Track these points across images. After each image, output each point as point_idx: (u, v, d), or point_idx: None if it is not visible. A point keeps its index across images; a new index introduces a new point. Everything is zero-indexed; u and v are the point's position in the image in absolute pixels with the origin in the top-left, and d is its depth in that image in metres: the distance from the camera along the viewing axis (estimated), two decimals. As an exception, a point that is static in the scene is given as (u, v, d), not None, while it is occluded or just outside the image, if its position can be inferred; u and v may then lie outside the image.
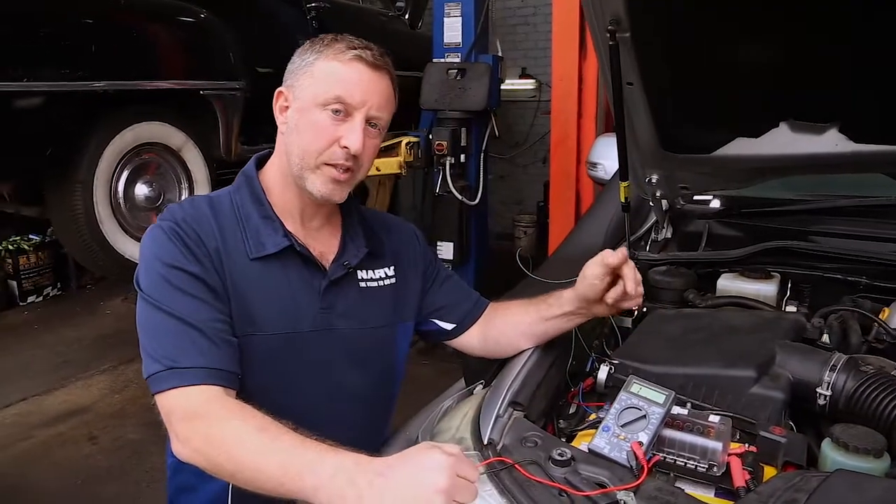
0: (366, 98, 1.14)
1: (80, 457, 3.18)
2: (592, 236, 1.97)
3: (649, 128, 1.60)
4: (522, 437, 1.09)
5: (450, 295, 1.42)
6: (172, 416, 1.01)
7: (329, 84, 1.13)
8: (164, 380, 1.03)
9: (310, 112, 1.15)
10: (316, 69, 1.15)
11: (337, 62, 1.14)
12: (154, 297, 1.08)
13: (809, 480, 0.93)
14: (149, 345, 1.07)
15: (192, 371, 1.03)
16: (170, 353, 1.04)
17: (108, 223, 2.83)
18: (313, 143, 1.15)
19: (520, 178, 7.27)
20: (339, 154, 1.15)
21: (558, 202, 3.89)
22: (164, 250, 1.11)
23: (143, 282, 1.11)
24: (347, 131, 1.14)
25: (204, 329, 1.07)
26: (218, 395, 1.03)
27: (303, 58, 1.17)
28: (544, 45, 6.70)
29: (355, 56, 1.14)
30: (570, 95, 3.67)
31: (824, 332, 1.40)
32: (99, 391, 3.86)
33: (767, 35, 1.35)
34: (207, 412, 0.99)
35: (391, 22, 4.89)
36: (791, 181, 1.85)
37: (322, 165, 1.16)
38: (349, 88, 1.13)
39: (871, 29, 1.28)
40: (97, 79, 2.68)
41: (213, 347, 1.06)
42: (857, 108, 1.46)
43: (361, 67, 1.14)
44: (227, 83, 3.19)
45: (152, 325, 1.08)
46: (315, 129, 1.14)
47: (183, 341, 1.05)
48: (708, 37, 1.38)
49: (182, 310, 1.07)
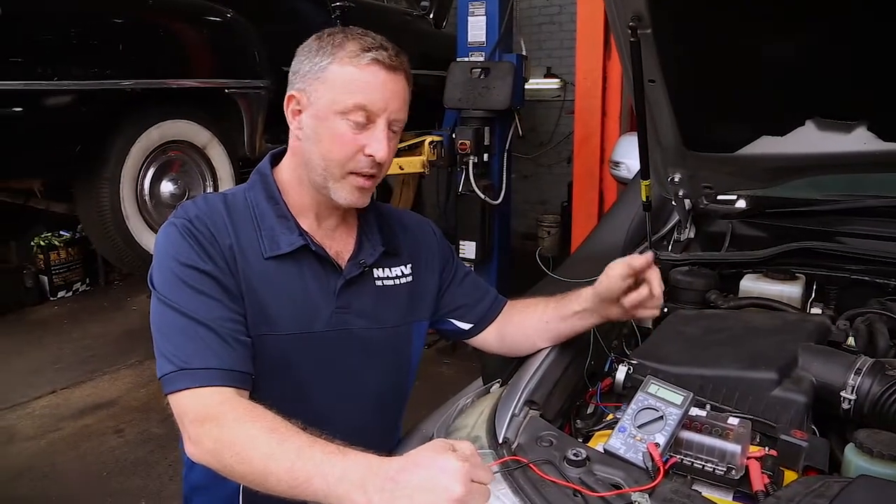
0: (386, 104, 1.11)
1: (107, 449, 3.25)
2: (614, 236, 1.95)
3: (672, 126, 1.57)
4: (537, 437, 1.07)
5: (467, 294, 1.40)
6: (185, 417, 1.00)
7: (348, 91, 1.09)
8: (176, 380, 1.02)
9: (329, 121, 1.11)
10: (330, 74, 1.10)
11: (353, 67, 1.09)
12: (167, 296, 1.07)
13: (831, 486, 0.91)
14: (162, 344, 1.05)
15: (204, 372, 1.01)
16: (182, 353, 1.03)
17: (133, 220, 2.87)
18: (336, 152, 1.12)
19: (544, 178, 7.24)
20: (364, 162, 1.12)
21: (581, 202, 3.87)
22: (178, 248, 1.10)
23: (157, 280, 1.10)
24: (371, 140, 1.11)
25: (217, 329, 1.05)
26: (230, 396, 1.01)
27: (313, 60, 1.12)
28: (570, 44, 6.65)
29: (372, 60, 1.09)
30: (594, 94, 3.64)
31: (849, 334, 1.37)
32: (125, 385, 3.94)
33: (792, 31, 1.32)
34: (219, 414, 0.98)
35: (416, 21, 4.90)
36: (817, 181, 1.81)
37: (347, 175, 1.13)
38: (370, 96, 1.09)
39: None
40: (125, 77, 2.73)
41: (226, 348, 1.05)
42: (886, 105, 1.42)
43: (379, 71, 1.09)
44: (252, 82, 3.22)
45: (165, 325, 1.07)
46: (337, 139, 1.11)
47: (195, 341, 1.04)
48: (731, 33, 1.36)
49: (195, 309, 1.05)
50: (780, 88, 1.44)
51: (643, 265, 1.21)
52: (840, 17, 1.26)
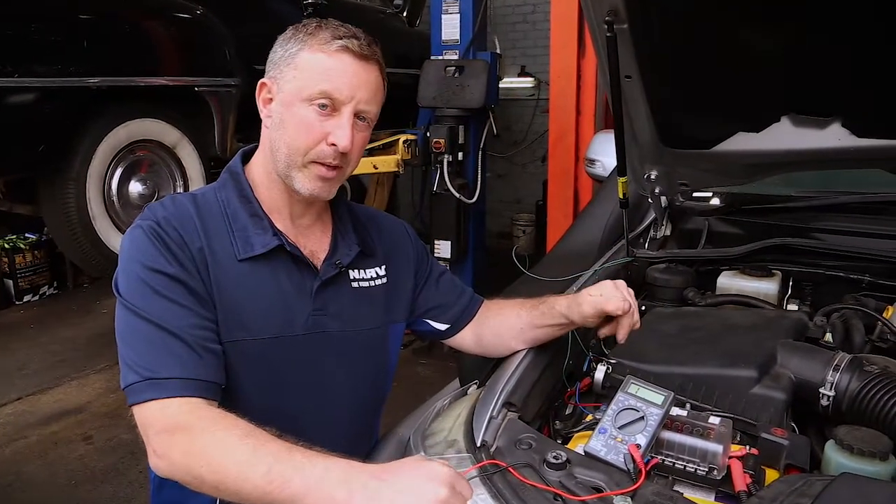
0: (353, 92, 1.08)
1: (75, 457, 3.16)
2: (590, 234, 1.94)
3: (648, 123, 1.57)
4: (516, 440, 1.05)
5: (443, 294, 1.37)
6: (150, 429, 0.95)
7: (314, 77, 1.07)
8: (141, 391, 0.97)
9: (295, 107, 1.08)
10: (300, 60, 1.08)
11: (322, 53, 1.07)
12: (132, 302, 1.02)
13: (813, 484, 0.90)
14: (126, 353, 1.00)
15: (171, 382, 0.97)
16: (148, 362, 0.98)
17: (101, 221, 2.78)
18: (300, 140, 1.09)
19: (519, 177, 7.24)
20: (327, 152, 1.09)
21: (556, 200, 3.86)
22: (144, 252, 1.05)
23: (122, 286, 1.05)
24: (335, 127, 1.08)
25: (184, 337, 1.01)
26: (198, 407, 0.97)
27: (286, 47, 1.11)
28: (544, 42, 6.63)
29: (341, 47, 1.07)
30: (569, 93, 3.64)
31: (827, 330, 1.37)
32: (94, 391, 3.84)
33: (769, 27, 1.32)
34: (187, 424, 0.94)
35: (389, 19, 4.85)
36: (792, 177, 1.82)
37: (309, 164, 1.10)
38: (336, 82, 1.07)
39: (874, 21, 1.25)
40: (90, 75, 2.64)
41: (193, 357, 1.01)
42: (860, 102, 1.43)
43: (348, 59, 1.07)
44: (222, 80, 3.15)
45: (130, 332, 1.02)
46: (301, 126, 1.08)
47: (162, 350, 0.99)
48: (708, 28, 1.35)
49: (162, 316, 1.01)
50: (756, 85, 1.44)
51: (618, 313, 1.21)
52: (816, 15, 1.27)
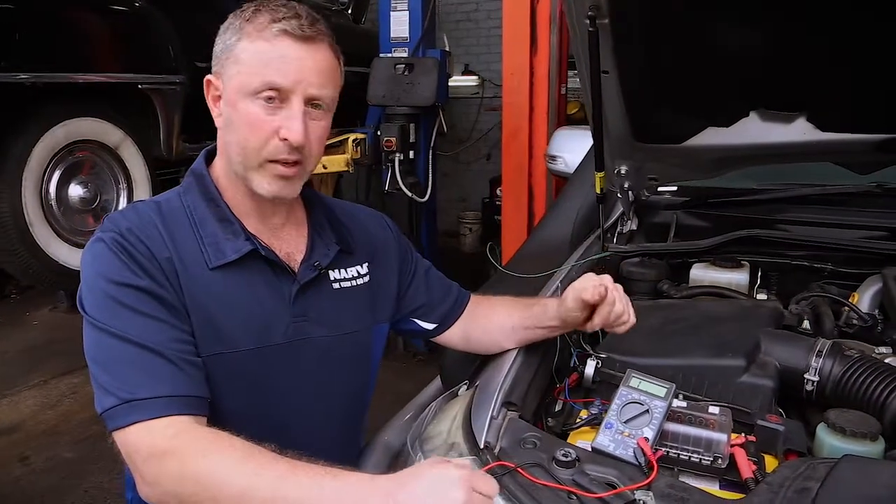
0: (300, 77, 1.00)
1: (10, 480, 2.96)
2: (560, 229, 1.95)
3: (622, 118, 1.58)
4: (520, 439, 1.03)
5: (429, 292, 1.33)
6: (136, 455, 0.89)
7: (256, 68, 0.99)
8: (122, 415, 0.90)
9: (241, 104, 1.01)
10: (240, 52, 1.00)
11: (261, 41, 0.99)
12: (102, 321, 0.95)
13: (817, 468, 0.92)
14: (101, 375, 0.93)
15: (153, 402, 0.90)
16: (126, 383, 0.91)
17: (39, 227, 2.61)
18: (250, 139, 1.01)
19: (464, 176, 7.25)
20: (280, 148, 1.01)
21: (511, 196, 3.88)
22: (108, 266, 0.98)
23: (88, 304, 0.98)
24: (285, 120, 1.00)
25: (163, 351, 0.94)
26: (187, 425, 0.91)
27: (224, 39, 1.03)
28: (486, 41, 6.70)
29: (281, 31, 0.99)
30: (522, 90, 3.66)
31: (804, 318, 1.41)
32: (28, 408, 3.61)
33: (745, 22, 1.34)
34: (178, 447, 0.87)
35: (334, 16, 4.77)
36: (753, 171, 1.88)
37: (265, 163, 1.03)
38: (280, 70, 0.99)
39: (842, 19, 1.29)
40: (22, 70, 2.47)
41: (175, 372, 0.94)
42: (825, 97, 1.48)
43: (290, 43, 0.99)
44: (166, 77, 3.01)
45: (103, 353, 0.95)
46: (249, 123, 1.01)
47: (139, 368, 0.92)
48: (685, 24, 1.37)
49: (135, 332, 0.94)
50: (727, 80, 1.47)
51: (592, 300, 1.17)
52: (786, 11, 1.30)
